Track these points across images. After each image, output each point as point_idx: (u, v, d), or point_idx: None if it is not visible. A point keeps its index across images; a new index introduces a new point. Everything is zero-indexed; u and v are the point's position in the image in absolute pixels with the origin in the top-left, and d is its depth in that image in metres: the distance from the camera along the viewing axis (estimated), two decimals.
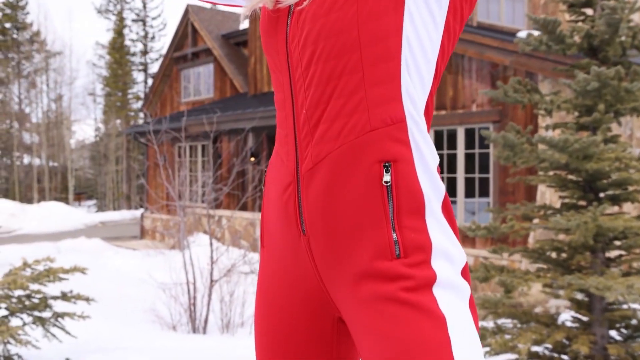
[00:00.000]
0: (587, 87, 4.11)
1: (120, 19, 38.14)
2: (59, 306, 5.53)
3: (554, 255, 4.91)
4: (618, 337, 4.68)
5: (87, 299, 4.89)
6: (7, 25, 35.39)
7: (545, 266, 4.78)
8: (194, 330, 7.41)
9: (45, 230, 24.06)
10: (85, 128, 44.12)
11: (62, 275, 4.65)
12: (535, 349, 4.77)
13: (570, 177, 4.85)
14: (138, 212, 26.53)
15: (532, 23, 4.55)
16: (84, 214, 29.42)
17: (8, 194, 34.56)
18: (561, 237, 6.39)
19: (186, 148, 18.56)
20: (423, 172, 1.09)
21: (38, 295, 4.84)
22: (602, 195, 4.67)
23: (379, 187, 1.06)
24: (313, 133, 1.11)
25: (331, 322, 1.20)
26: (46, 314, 5.07)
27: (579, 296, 4.70)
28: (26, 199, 34.90)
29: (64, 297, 4.86)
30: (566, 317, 5.74)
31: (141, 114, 33.25)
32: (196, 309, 7.45)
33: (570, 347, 4.35)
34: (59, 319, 5.07)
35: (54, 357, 5.20)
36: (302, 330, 1.21)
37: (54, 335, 4.94)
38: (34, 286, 4.82)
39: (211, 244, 7.66)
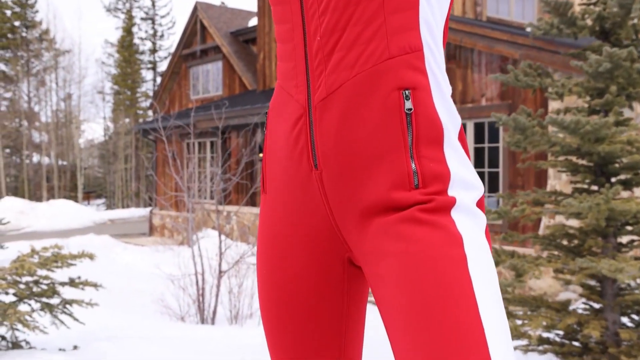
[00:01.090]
0: (599, 69, 4.06)
1: (129, 17, 38.26)
2: (67, 293, 5.52)
3: (565, 242, 4.86)
4: (630, 324, 4.62)
5: (94, 285, 4.88)
6: (17, 23, 35.55)
7: (556, 252, 4.73)
8: (203, 321, 7.39)
9: (54, 228, 24.15)
10: (94, 127, 44.29)
11: (70, 261, 4.64)
12: (545, 335, 4.72)
13: (581, 162, 4.81)
14: (147, 210, 26.58)
15: (543, 5, 4.50)
16: (93, 212, 29.50)
17: (17, 192, 34.72)
18: (572, 223, 6.33)
19: (195, 144, 18.58)
20: (440, 101, 1.06)
21: (46, 282, 4.83)
22: (613, 180, 4.62)
23: (398, 115, 1.03)
24: (327, 61, 1.07)
25: (341, 264, 1.16)
26: (54, 301, 5.06)
27: (591, 283, 4.65)
28: (35, 197, 35.04)
29: (72, 283, 4.85)
30: (577, 305, 5.69)
31: (150, 112, 33.33)
32: (205, 300, 7.43)
33: (582, 332, 4.31)
34: (67, 306, 5.06)
35: (61, 344, 5.19)
36: (311, 273, 1.16)
37: (62, 322, 4.93)
38: (42, 272, 4.80)
39: (220, 235, 7.63)
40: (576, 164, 4.60)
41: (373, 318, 2.46)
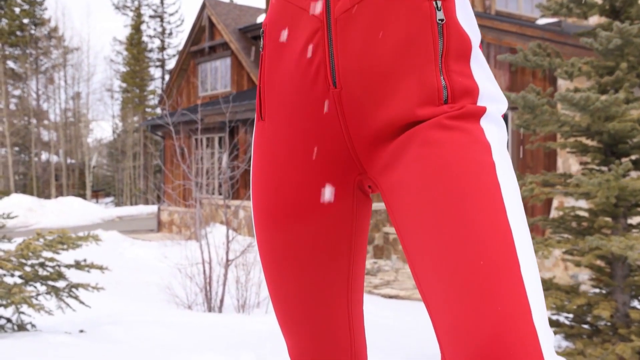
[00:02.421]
0: (609, 46, 4.01)
1: (138, 15, 38.34)
2: (73, 277, 5.50)
3: (574, 225, 4.80)
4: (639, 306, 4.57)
5: (100, 268, 4.86)
6: (25, 20, 35.69)
7: (566, 235, 4.68)
8: (210, 309, 7.37)
9: (62, 225, 24.20)
10: (103, 125, 44.41)
11: (76, 242, 4.62)
12: (555, 317, 4.66)
13: (591, 143, 4.75)
14: (155, 207, 26.63)
15: None
16: (101, 209, 29.55)
17: (26, 190, 34.84)
18: (582, 205, 6.25)
19: (202, 140, 18.58)
20: (463, 12, 1.02)
21: (51, 264, 4.81)
22: (624, 160, 4.56)
23: (429, 27, 0.98)
24: None
25: (352, 189, 1.10)
26: (60, 284, 5.04)
27: (600, 264, 4.59)
28: (44, 195, 35.15)
29: (78, 265, 4.83)
30: (586, 288, 5.63)
31: (158, 110, 33.37)
32: (212, 289, 7.41)
33: (591, 314, 4.25)
34: (73, 290, 5.05)
35: (67, 328, 5.17)
36: (320, 197, 1.10)
37: (68, 305, 4.92)
38: (48, 254, 4.78)
39: (227, 224, 7.61)
40: (586, 145, 4.54)
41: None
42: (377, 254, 13.96)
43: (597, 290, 4.75)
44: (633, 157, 4.54)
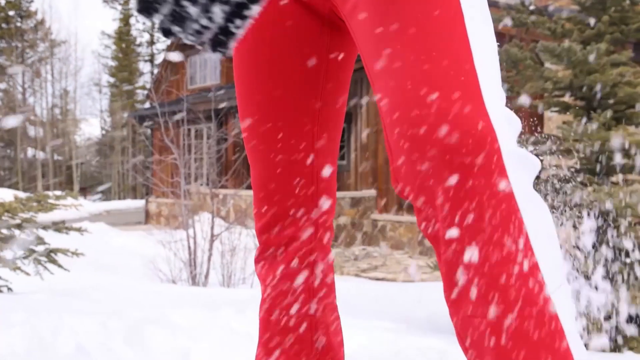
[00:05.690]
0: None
1: (127, 8, 38.13)
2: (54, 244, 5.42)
3: (558, 186, 4.78)
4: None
5: (79, 230, 4.79)
6: (11, 13, 35.36)
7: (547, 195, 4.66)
8: (194, 284, 7.31)
9: (47, 219, 24.01)
10: (92, 122, 44.19)
11: (52, 201, 4.55)
12: None
13: (574, 102, 4.74)
14: (143, 202, 26.50)
15: None
16: (89, 204, 29.37)
17: (11, 186, 34.59)
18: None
19: (191, 131, 18.50)
20: None
21: (29, 225, 4.74)
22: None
23: None
24: None
25: (321, 24, 1.09)
26: (39, 249, 4.97)
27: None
28: (30, 190, 34.92)
29: (56, 227, 4.76)
30: None
31: (147, 105, 33.25)
32: (196, 264, 7.35)
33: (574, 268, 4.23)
34: (52, 254, 4.98)
35: (46, 293, 5.10)
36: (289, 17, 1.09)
37: (45, 268, 4.85)
38: (26, 215, 4.71)
39: (212, 199, 7.55)
40: (568, 104, 4.53)
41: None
42: (365, 241, 13.94)
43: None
44: (617, 115, 4.53)
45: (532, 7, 4.53)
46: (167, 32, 0.74)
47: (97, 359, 2.11)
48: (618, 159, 4.34)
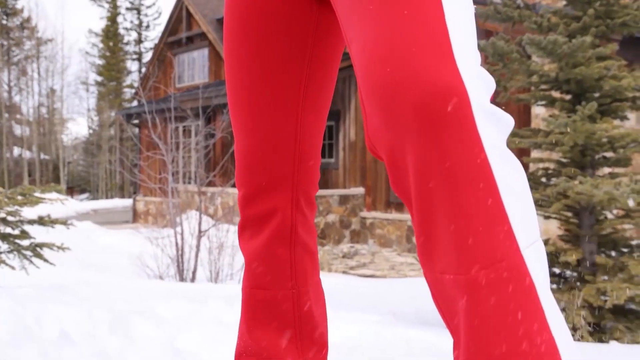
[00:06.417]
0: None
1: (114, 7, 37.92)
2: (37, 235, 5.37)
3: (544, 180, 4.81)
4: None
5: (64, 223, 4.77)
6: None
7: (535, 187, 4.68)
8: (182, 280, 7.29)
9: (34, 214, 23.86)
10: (80, 121, 43.93)
11: (38, 195, 4.52)
12: None
13: (560, 96, 4.76)
14: (131, 201, 26.40)
15: None
16: (76, 203, 29.24)
17: None
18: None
19: (179, 129, 18.44)
20: None
21: (13, 218, 4.71)
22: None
23: None
24: None
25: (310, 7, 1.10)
26: (24, 243, 4.94)
27: (568, 214, 4.60)
28: None
29: (41, 220, 4.73)
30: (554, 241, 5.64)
31: (135, 103, 33.10)
32: (184, 260, 7.32)
33: (559, 262, 4.26)
34: (37, 249, 4.95)
35: (30, 286, 5.07)
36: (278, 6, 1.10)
37: (31, 262, 4.81)
38: (10, 209, 4.68)
39: (200, 196, 7.54)
40: (554, 97, 4.55)
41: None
42: (354, 238, 13.95)
43: (565, 238, 4.76)
44: (602, 109, 4.56)
45: (519, 1, 4.54)
46: None
47: (81, 346, 2.10)
48: (603, 151, 4.38)
